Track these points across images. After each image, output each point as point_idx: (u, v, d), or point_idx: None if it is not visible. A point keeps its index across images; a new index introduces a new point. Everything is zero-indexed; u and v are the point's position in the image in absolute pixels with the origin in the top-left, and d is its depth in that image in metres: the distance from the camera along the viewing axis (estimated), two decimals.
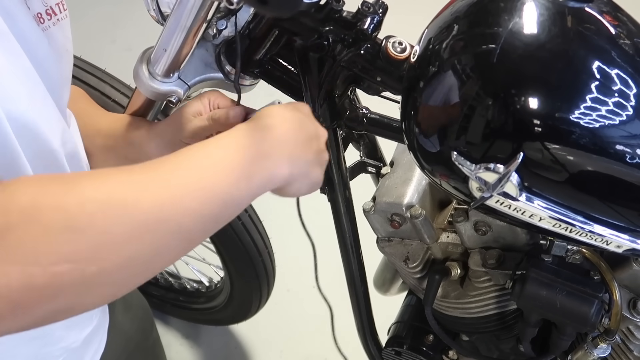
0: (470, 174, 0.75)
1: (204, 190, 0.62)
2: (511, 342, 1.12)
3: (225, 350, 2.00)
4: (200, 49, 0.94)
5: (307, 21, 0.84)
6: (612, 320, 0.94)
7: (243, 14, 0.93)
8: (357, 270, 1.21)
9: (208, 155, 0.65)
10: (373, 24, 0.83)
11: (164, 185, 0.60)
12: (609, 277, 0.94)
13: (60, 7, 0.79)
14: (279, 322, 2.00)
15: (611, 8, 0.79)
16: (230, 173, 0.65)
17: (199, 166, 0.64)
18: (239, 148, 0.67)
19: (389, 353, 1.23)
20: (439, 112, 0.76)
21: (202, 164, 0.64)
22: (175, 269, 1.93)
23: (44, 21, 0.75)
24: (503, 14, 0.75)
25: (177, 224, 0.60)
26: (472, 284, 1.07)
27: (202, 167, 0.64)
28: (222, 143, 0.67)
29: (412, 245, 1.10)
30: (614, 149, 0.73)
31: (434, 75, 0.77)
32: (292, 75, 0.94)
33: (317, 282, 1.14)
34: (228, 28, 0.92)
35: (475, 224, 1.01)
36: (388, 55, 0.84)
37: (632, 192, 0.76)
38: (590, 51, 0.74)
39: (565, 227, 0.78)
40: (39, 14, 0.75)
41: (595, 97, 0.72)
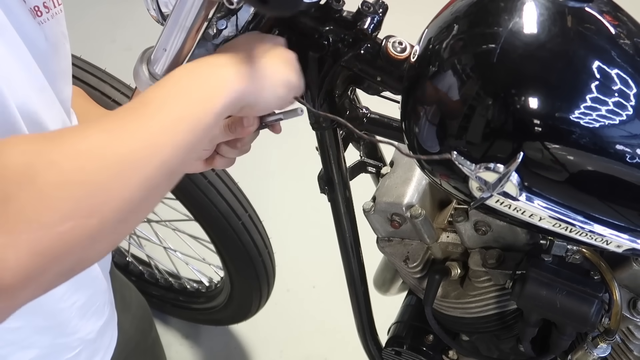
0: (470, 174, 0.75)
1: (176, 124, 0.66)
2: (511, 342, 1.12)
3: (225, 350, 2.00)
4: (200, 49, 0.94)
5: (307, 21, 0.84)
6: (612, 320, 0.94)
7: (243, 13, 0.93)
8: (357, 270, 1.21)
9: (170, 94, 0.68)
10: (373, 24, 0.83)
11: (143, 127, 0.64)
12: (609, 277, 0.94)
13: (54, 2, 0.80)
14: (279, 322, 2.00)
15: (611, 8, 0.79)
16: (193, 102, 0.69)
17: (165, 105, 0.67)
18: (190, 77, 0.71)
19: (389, 353, 1.23)
20: (439, 112, 0.76)
21: (168, 102, 0.67)
22: (175, 269, 1.94)
23: (40, 14, 0.76)
24: (503, 14, 0.75)
25: (160, 160, 0.64)
26: (472, 283, 1.07)
27: (169, 104, 0.67)
28: (175, 76, 0.71)
29: (412, 245, 1.10)
30: (614, 149, 0.73)
31: (434, 75, 0.77)
32: None
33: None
34: (228, 28, 0.92)
35: (475, 224, 1.01)
36: (388, 55, 0.84)
37: (632, 192, 0.76)
38: (590, 51, 0.74)
39: (565, 226, 0.78)
40: (35, 6, 0.76)
41: (595, 97, 0.72)
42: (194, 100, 0.69)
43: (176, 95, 0.68)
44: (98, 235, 0.58)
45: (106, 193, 0.58)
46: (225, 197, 1.49)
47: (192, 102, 0.68)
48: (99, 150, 0.59)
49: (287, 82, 0.80)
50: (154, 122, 0.65)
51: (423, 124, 0.78)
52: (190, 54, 0.91)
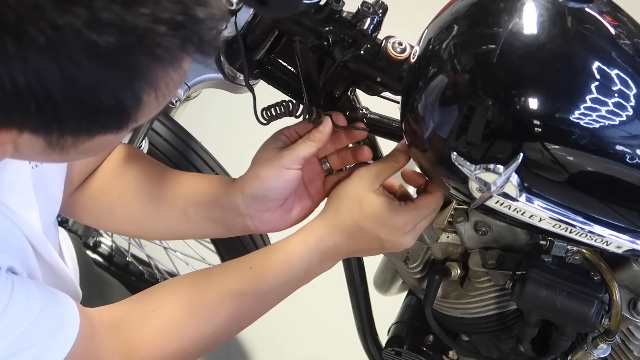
0: (470, 175, 0.75)
1: (292, 286, 0.92)
2: (511, 343, 1.12)
3: (225, 350, 2.00)
4: None
5: (307, 22, 0.84)
6: (612, 320, 0.94)
7: (243, 14, 0.93)
8: (357, 270, 1.21)
9: (287, 279, 0.90)
10: (373, 25, 0.82)
11: (255, 307, 0.92)
12: (609, 278, 0.94)
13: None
14: (279, 322, 1.99)
15: (611, 8, 0.79)
16: (303, 279, 0.91)
17: (279, 285, 0.90)
18: (309, 267, 0.90)
19: (389, 353, 1.23)
20: (438, 112, 0.76)
21: (283, 285, 0.90)
22: (176, 269, 1.93)
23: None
24: (503, 15, 0.75)
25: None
26: (472, 284, 1.07)
27: (282, 287, 0.91)
28: (295, 264, 0.89)
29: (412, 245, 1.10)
30: (614, 150, 0.73)
31: (433, 75, 0.77)
32: (292, 76, 0.94)
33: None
34: (228, 28, 0.92)
35: (475, 224, 1.01)
36: (388, 56, 0.84)
37: (632, 192, 0.76)
38: (590, 52, 0.74)
39: (565, 227, 0.78)
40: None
41: (595, 98, 0.72)
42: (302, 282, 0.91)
43: (289, 281, 0.90)
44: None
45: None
46: None
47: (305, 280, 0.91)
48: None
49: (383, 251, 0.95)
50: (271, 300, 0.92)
51: (423, 124, 0.78)
52: None
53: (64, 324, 0.77)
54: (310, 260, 0.88)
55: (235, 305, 0.89)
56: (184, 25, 0.54)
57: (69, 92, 0.53)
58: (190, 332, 0.88)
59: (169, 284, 0.92)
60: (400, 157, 0.89)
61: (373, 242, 0.88)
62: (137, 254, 1.90)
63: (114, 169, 0.99)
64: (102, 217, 1.00)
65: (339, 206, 0.88)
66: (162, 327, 0.87)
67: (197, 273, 0.93)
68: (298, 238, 0.89)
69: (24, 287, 0.75)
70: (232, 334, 0.93)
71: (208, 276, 0.91)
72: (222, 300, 0.88)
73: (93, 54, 0.52)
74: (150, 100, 0.58)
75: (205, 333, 0.88)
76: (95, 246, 1.83)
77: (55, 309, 0.77)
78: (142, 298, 0.90)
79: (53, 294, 0.79)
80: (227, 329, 0.90)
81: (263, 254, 0.90)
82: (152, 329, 0.87)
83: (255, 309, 0.92)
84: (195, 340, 0.88)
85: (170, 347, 0.87)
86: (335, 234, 0.88)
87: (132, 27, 0.52)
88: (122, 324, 0.86)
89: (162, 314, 0.87)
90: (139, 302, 0.90)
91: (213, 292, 0.88)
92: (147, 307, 0.88)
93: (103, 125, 0.58)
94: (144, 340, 0.86)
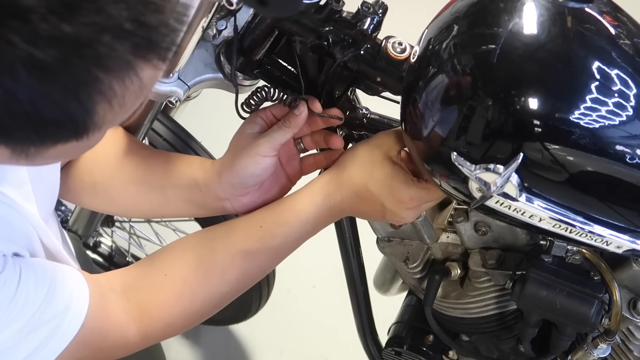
0: (470, 175, 0.75)
1: (301, 240, 0.93)
2: (511, 343, 1.12)
3: (225, 350, 2.00)
4: (200, 49, 0.94)
5: (307, 22, 0.84)
6: (612, 320, 0.94)
7: (243, 14, 0.93)
8: (357, 270, 1.21)
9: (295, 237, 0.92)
10: (373, 25, 0.82)
11: (266, 263, 0.93)
12: (609, 278, 0.94)
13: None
14: (279, 322, 2.00)
15: (611, 8, 0.79)
16: (312, 232, 0.93)
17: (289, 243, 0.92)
18: (315, 222, 0.91)
19: (389, 353, 1.23)
20: (438, 112, 0.76)
21: (293, 241, 0.92)
22: None
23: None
24: (503, 15, 0.74)
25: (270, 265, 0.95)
26: (472, 284, 1.07)
27: (292, 242, 0.92)
28: (301, 219, 0.90)
29: (412, 245, 1.10)
30: (614, 150, 0.73)
31: (433, 75, 0.77)
32: (292, 76, 0.94)
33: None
34: (228, 28, 0.92)
35: (475, 224, 1.01)
36: (388, 56, 0.84)
37: (632, 192, 0.76)
38: (590, 52, 0.74)
39: (565, 227, 0.78)
40: None
41: (595, 98, 0.72)
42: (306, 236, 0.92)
43: (300, 237, 0.92)
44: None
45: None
46: None
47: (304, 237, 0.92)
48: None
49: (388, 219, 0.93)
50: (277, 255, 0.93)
51: (423, 124, 0.78)
52: (190, 54, 0.91)
53: (73, 298, 0.79)
54: (318, 216, 0.90)
55: (246, 263, 0.90)
56: (133, 32, 0.52)
57: (10, 106, 0.51)
58: (203, 294, 0.89)
59: (178, 246, 0.93)
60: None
61: (376, 207, 0.89)
62: (137, 254, 1.90)
63: (97, 150, 0.99)
64: (84, 196, 1.01)
65: (352, 165, 0.88)
66: (175, 290, 0.88)
67: (205, 232, 0.94)
68: (306, 195, 0.90)
69: (31, 269, 0.76)
70: (243, 291, 0.94)
71: (217, 235, 0.92)
72: (233, 260, 0.90)
73: (32, 67, 0.50)
74: (106, 109, 0.55)
75: (217, 292, 0.90)
76: (95, 246, 1.83)
77: (64, 284, 0.79)
78: (152, 262, 0.92)
79: (59, 269, 0.81)
80: (238, 286, 0.92)
81: (272, 212, 0.91)
82: (165, 293, 0.88)
83: (265, 264, 0.93)
84: (208, 300, 0.90)
85: (184, 309, 0.89)
86: (343, 190, 0.89)
87: (72, 38, 0.50)
88: (134, 290, 0.88)
89: (174, 277, 0.89)
90: (150, 267, 0.91)
91: (223, 251, 0.90)
92: (158, 271, 0.90)
93: (56, 137, 0.56)
94: (158, 305, 0.88)
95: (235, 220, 0.94)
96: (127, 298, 0.87)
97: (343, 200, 0.89)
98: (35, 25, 0.48)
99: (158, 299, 0.88)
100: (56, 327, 0.77)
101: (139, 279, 0.90)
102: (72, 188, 0.99)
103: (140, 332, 0.88)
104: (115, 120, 0.59)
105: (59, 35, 0.49)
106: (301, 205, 0.90)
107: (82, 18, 0.50)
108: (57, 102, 0.52)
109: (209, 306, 0.91)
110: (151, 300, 0.88)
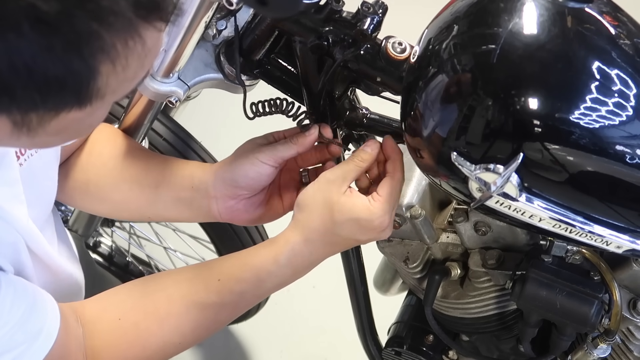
0: (470, 175, 0.75)
1: (261, 297, 0.93)
2: (511, 343, 1.12)
3: (225, 350, 2.00)
4: (200, 49, 0.94)
5: (307, 22, 0.84)
6: (612, 320, 0.94)
7: (243, 14, 0.93)
8: (357, 270, 1.21)
9: (263, 281, 0.89)
10: (373, 25, 0.82)
11: (223, 317, 0.92)
12: (609, 278, 0.94)
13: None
14: (279, 322, 2.00)
15: (611, 8, 0.79)
16: (274, 289, 0.92)
17: (257, 288, 0.90)
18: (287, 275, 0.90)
19: (389, 353, 1.23)
20: (438, 112, 0.76)
21: (252, 297, 0.92)
22: None
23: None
24: (503, 14, 0.74)
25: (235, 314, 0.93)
26: (472, 284, 1.07)
27: (251, 299, 0.92)
28: (274, 273, 0.89)
29: (412, 245, 1.10)
30: (614, 150, 0.73)
31: (433, 75, 0.77)
32: (292, 76, 0.94)
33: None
34: (228, 28, 0.92)
35: (475, 224, 1.01)
36: (388, 56, 0.84)
37: (632, 192, 0.76)
38: (590, 52, 0.74)
39: (565, 227, 0.78)
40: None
41: (595, 98, 0.72)
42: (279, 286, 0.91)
43: (260, 294, 0.92)
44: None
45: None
46: None
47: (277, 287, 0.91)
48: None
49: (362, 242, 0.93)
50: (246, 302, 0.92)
51: (423, 124, 0.78)
52: (190, 54, 0.92)
53: (44, 328, 0.77)
54: (281, 275, 0.89)
55: (202, 315, 0.88)
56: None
57: (13, 61, 0.51)
58: (155, 342, 0.88)
59: (135, 286, 0.91)
60: (366, 156, 0.87)
61: (351, 243, 0.89)
62: (137, 254, 1.90)
63: (92, 147, 0.99)
64: (76, 195, 1.00)
65: (310, 215, 0.86)
66: (126, 336, 0.87)
67: (163, 276, 0.93)
68: (268, 252, 0.88)
69: (11, 287, 0.75)
70: (198, 342, 0.93)
71: (176, 281, 0.90)
72: (188, 311, 0.88)
73: (34, 20, 0.49)
74: (109, 71, 0.55)
75: (170, 342, 0.89)
76: (95, 246, 1.83)
77: (38, 311, 0.77)
78: (110, 300, 0.90)
79: (37, 294, 0.79)
80: (192, 338, 0.90)
81: (232, 266, 0.89)
82: (117, 337, 0.87)
83: (222, 318, 0.92)
84: (160, 349, 0.88)
85: (135, 355, 0.88)
86: (309, 245, 0.87)
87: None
88: (90, 327, 0.86)
89: (127, 323, 0.87)
90: (106, 305, 0.89)
91: (179, 301, 0.88)
92: (112, 313, 0.88)
93: (59, 98, 0.55)
94: (109, 347, 0.87)
95: (195, 267, 0.93)
96: (84, 333, 0.86)
97: (312, 253, 0.87)
98: None
99: (110, 344, 0.87)
100: (22, 354, 0.75)
101: (96, 316, 0.88)
102: (65, 187, 0.99)
103: None
104: (119, 89, 0.58)
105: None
106: (262, 263, 0.88)
107: None
108: (60, 58, 0.52)
109: (162, 354, 0.89)
110: (103, 344, 0.86)
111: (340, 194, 0.84)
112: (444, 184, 0.81)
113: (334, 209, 0.84)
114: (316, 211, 0.85)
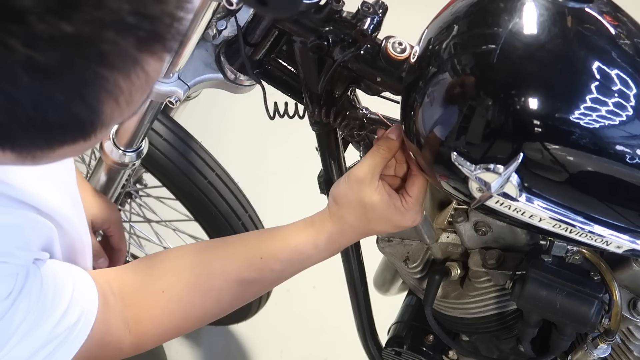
0: (470, 175, 0.75)
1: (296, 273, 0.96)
2: (511, 343, 1.12)
3: (225, 350, 2.00)
4: (200, 49, 0.94)
5: (307, 22, 0.84)
6: (612, 320, 0.94)
7: (243, 14, 0.93)
8: (357, 270, 1.21)
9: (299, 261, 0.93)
10: (373, 25, 0.82)
11: (260, 291, 0.99)
12: (609, 278, 0.94)
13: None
14: (279, 322, 2.00)
15: (611, 8, 0.79)
16: (302, 269, 0.95)
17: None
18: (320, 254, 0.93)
19: (389, 353, 1.23)
20: (438, 112, 0.76)
21: (291, 274, 0.96)
22: None
23: None
24: (503, 14, 0.75)
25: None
26: (472, 284, 1.07)
27: (289, 276, 0.96)
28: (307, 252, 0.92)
29: (412, 245, 1.10)
30: (614, 150, 0.73)
31: (433, 75, 0.77)
32: (292, 76, 0.94)
33: None
34: (228, 28, 0.92)
35: (475, 224, 1.01)
36: (388, 56, 0.84)
37: (632, 192, 0.76)
38: (590, 52, 0.74)
39: (565, 227, 0.78)
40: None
41: (595, 98, 0.72)
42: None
43: (296, 271, 0.95)
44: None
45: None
46: (225, 197, 1.49)
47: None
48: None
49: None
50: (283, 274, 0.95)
51: (423, 124, 0.78)
52: (190, 54, 0.92)
53: (84, 311, 0.80)
54: (318, 258, 0.93)
55: (241, 289, 0.93)
56: (136, 26, 0.50)
57: (13, 112, 0.49)
58: (196, 314, 0.93)
59: (177, 260, 0.94)
60: (390, 144, 0.87)
61: (385, 231, 0.93)
62: (137, 254, 1.90)
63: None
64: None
65: (345, 212, 0.89)
66: (170, 309, 0.90)
67: (204, 251, 0.95)
68: (308, 236, 0.91)
69: (52, 278, 0.77)
70: (232, 310, 0.97)
71: (216, 257, 0.93)
72: (229, 286, 0.92)
73: (33, 70, 0.48)
74: (113, 108, 0.54)
75: (210, 313, 0.94)
76: None
77: (78, 295, 0.80)
78: (151, 272, 0.92)
79: (77, 275, 0.82)
80: (230, 309, 0.96)
81: (273, 245, 0.92)
82: (160, 310, 0.90)
83: (260, 291, 0.98)
84: (200, 320, 0.94)
85: (177, 327, 0.92)
86: (346, 236, 0.92)
87: (72, 37, 0.48)
88: (132, 301, 0.89)
89: (171, 296, 0.90)
90: (148, 277, 0.92)
91: (221, 277, 0.91)
92: (156, 286, 0.90)
93: (62, 139, 0.54)
94: (153, 321, 0.90)
95: (234, 242, 0.96)
96: (125, 306, 0.88)
97: (348, 241, 0.93)
98: (33, 27, 0.46)
99: (153, 316, 0.90)
100: (64, 340, 0.77)
101: (137, 289, 0.90)
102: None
103: (133, 344, 0.89)
104: (123, 116, 0.57)
105: (59, 35, 0.47)
106: (304, 246, 0.91)
107: (82, 15, 0.47)
108: (62, 105, 0.51)
109: (200, 324, 0.95)
110: (147, 316, 0.89)
111: (372, 194, 0.87)
112: (444, 184, 0.81)
113: (367, 208, 0.87)
114: (350, 209, 0.89)
